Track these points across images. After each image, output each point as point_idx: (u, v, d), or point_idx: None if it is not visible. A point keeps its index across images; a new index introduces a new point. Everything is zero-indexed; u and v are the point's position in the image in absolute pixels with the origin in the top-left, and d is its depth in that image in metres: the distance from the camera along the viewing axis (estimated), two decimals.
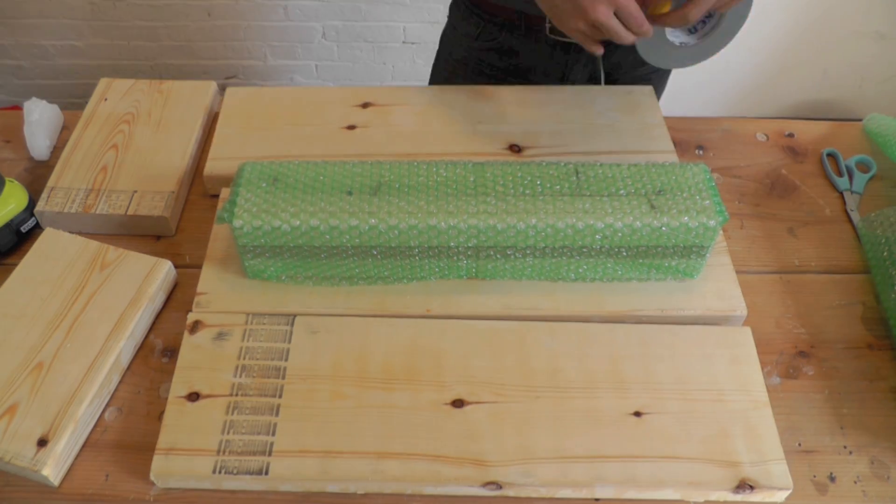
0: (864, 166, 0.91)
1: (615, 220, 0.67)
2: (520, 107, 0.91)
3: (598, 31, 0.72)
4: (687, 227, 0.67)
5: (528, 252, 0.70)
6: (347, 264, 0.71)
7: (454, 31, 1.06)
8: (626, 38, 0.71)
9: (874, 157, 0.91)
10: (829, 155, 0.92)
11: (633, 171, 0.71)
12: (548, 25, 0.93)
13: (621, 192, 0.69)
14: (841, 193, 0.88)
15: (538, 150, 0.86)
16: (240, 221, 0.67)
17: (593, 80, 1.02)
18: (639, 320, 0.72)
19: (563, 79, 1.01)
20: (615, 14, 0.69)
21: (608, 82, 1.01)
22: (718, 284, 0.74)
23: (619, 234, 0.68)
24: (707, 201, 0.68)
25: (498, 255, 0.70)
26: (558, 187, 0.70)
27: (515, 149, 0.86)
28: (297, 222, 0.67)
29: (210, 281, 0.73)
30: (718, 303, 0.73)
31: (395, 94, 0.94)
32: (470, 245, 0.69)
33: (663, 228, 0.67)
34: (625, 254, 0.70)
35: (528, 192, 0.69)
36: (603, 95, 0.93)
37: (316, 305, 0.72)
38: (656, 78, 1.05)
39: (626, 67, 1.01)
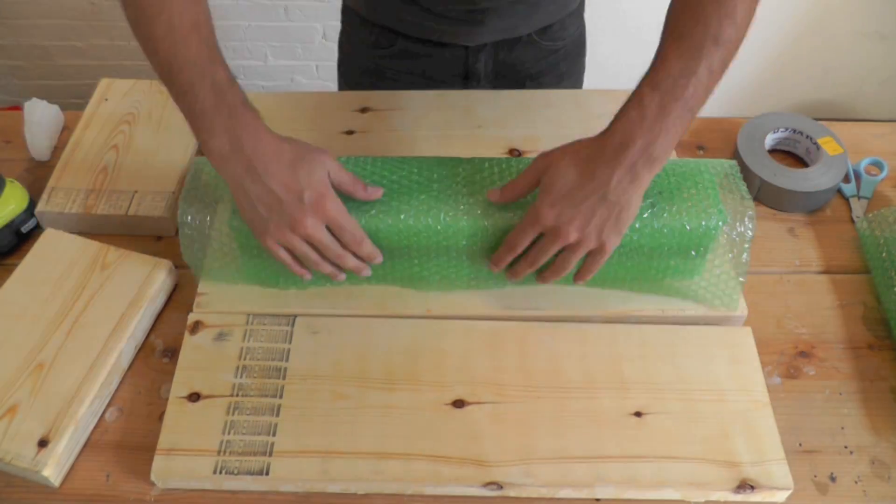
0: (875, 168, 0.88)
1: None
2: (519, 111, 0.91)
3: (306, 251, 0.63)
4: (687, 228, 0.67)
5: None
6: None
7: (349, 39, 1.02)
8: (348, 262, 0.64)
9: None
10: None
11: None
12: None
13: None
14: (847, 199, 0.86)
15: (538, 153, 0.86)
16: (238, 222, 0.67)
17: (498, 75, 0.97)
18: (639, 321, 0.72)
19: (467, 76, 0.97)
20: (329, 230, 0.62)
21: (510, 81, 0.97)
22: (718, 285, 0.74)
23: None
24: (710, 204, 0.68)
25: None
26: None
27: (515, 153, 0.86)
28: None
29: (211, 281, 0.73)
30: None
31: (394, 98, 0.94)
32: (469, 244, 0.69)
33: (664, 229, 0.67)
34: (625, 254, 0.70)
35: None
36: (602, 99, 0.92)
37: (316, 306, 0.72)
38: (565, 65, 1.00)
39: (529, 61, 0.97)
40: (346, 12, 1.00)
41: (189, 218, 0.68)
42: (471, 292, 0.73)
